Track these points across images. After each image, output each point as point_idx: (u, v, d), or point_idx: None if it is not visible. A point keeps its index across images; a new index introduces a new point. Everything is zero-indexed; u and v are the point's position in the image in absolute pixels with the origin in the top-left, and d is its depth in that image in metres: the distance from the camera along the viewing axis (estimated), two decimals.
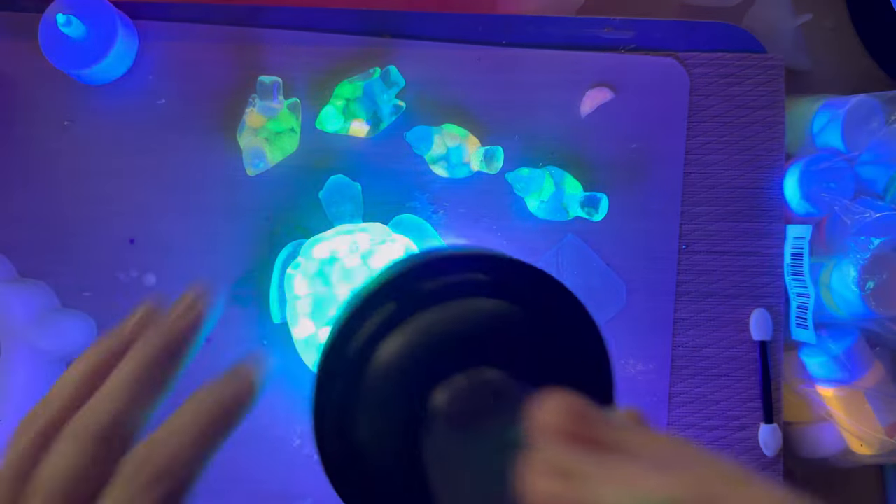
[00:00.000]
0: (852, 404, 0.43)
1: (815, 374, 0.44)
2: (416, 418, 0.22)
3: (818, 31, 0.48)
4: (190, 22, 0.44)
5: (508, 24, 0.45)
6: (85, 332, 0.43)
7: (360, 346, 0.23)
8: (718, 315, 0.44)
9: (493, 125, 0.44)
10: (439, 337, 0.23)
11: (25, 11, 0.44)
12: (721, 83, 0.45)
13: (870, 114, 0.43)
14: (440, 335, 0.23)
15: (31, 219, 0.44)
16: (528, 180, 0.43)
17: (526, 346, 0.24)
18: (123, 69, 0.44)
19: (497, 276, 0.24)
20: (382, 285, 0.23)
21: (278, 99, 0.42)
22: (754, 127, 0.45)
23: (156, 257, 0.44)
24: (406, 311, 0.23)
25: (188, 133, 0.44)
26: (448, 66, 0.44)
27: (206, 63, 0.44)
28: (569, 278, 0.43)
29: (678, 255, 0.44)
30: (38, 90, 0.44)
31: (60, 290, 0.43)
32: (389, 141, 0.44)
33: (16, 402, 0.40)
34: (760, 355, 0.44)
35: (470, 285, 0.23)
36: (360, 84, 0.43)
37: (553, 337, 0.23)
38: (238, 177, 0.44)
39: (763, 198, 0.44)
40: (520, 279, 0.23)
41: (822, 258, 0.44)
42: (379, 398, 0.23)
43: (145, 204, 0.44)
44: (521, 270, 0.23)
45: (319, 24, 0.45)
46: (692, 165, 0.44)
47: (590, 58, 0.45)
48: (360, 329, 0.23)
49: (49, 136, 0.44)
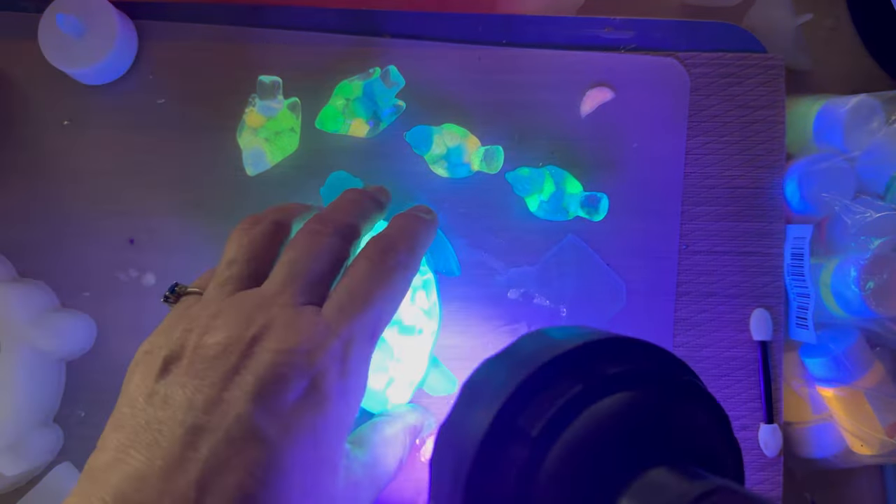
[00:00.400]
0: (852, 404, 0.43)
1: (815, 374, 0.44)
2: None
3: (819, 30, 0.48)
4: (190, 21, 0.44)
5: (508, 23, 0.45)
6: (85, 331, 0.43)
7: (543, 426, 0.19)
8: (718, 315, 0.44)
9: (493, 125, 0.44)
10: (631, 428, 0.20)
11: (25, 11, 0.44)
12: (721, 83, 0.45)
13: (870, 114, 0.43)
14: (632, 425, 0.20)
15: (30, 219, 0.44)
16: (528, 180, 0.43)
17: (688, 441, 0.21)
18: (123, 69, 0.44)
19: (650, 364, 0.21)
20: (561, 360, 0.20)
21: (278, 99, 0.42)
22: (755, 127, 0.45)
23: (156, 257, 0.44)
24: (592, 396, 0.20)
25: (188, 133, 0.44)
26: (448, 66, 0.44)
27: (206, 62, 0.44)
28: (569, 278, 0.43)
29: (678, 255, 0.44)
30: (38, 90, 0.44)
31: (60, 290, 0.43)
32: (389, 141, 0.44)
33: (16, 403, 0.40)
34: (761, 355, 0.44)
35: (638, 374, 0.21)
36: (360, 84, 0.43)
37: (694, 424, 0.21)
38: (238, 177, 0.44)
39: (763, 198, 0.44)
40: (667, 366, 0.21)
41: (823, 258, 0.44)
42: (562, 491, 0.19)
43: (145, 204, 0.44)
44: (666, 358, 0.21)
45: (319, 23, 0.45)
46: (692, 165, 0.44)
47: (590, 57, 0.44)
48: (532, 406, 0.20)
49: (48, 136, 0.44)
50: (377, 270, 0.29)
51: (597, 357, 0.21)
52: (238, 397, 0.24)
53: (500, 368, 0.21)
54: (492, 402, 0.20)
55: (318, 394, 0.25)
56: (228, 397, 0.24)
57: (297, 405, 0.24)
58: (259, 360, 0.25)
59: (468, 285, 0.44)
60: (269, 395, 0.24)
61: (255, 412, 0.23)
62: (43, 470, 0.42)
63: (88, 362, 0.43)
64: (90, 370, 0.43)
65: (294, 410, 0.24)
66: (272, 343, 0.25)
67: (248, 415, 0.23)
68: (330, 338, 0.26)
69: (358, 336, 0.27)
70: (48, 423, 0.43)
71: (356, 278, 0.29)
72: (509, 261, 0.44)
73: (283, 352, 0.25)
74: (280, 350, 0.25)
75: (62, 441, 0.43)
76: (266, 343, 0.25)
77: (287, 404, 0.24)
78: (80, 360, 0.43)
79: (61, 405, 0.43)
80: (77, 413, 0.43)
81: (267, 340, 0.25)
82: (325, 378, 0.25)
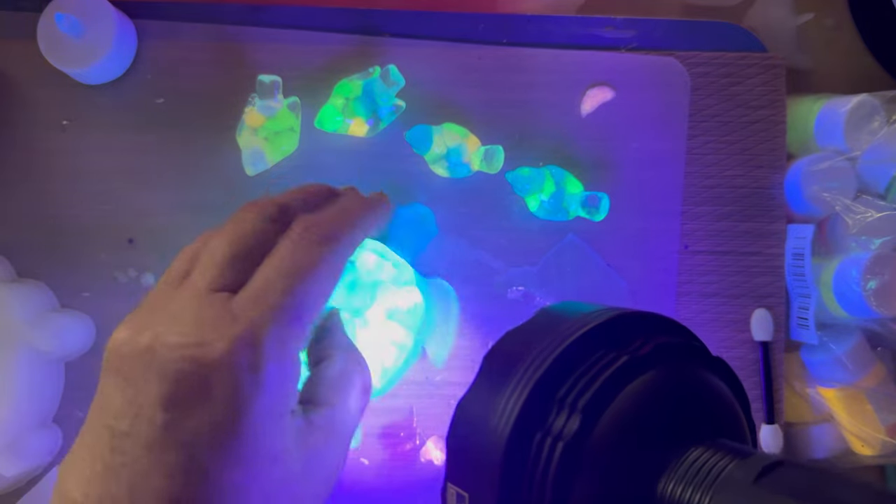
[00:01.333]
0: (854, 405, 0.43)
1: (816, 375, 0.44)
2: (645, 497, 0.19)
3: (819, 30, 0.48)
4: (189, 21, 0.44)
5: (509, 23, 0.45)
6: (84, 332, 0.43)
7: (591, 396, 0.19)
8: (719, 315, 0.44)
9: (493, 125, 0.44)
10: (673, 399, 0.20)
11: (24, 11, 0.44)
12: (722, 82, 0.44)
13: (871, 113, 0.43)
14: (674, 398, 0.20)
15: (29, 219, 0.44)
16: (528, 180, 0.43)
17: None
18: (122, 68, 0.44)
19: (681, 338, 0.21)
20: (596, 332, 0.20)
21: (278, 98, 0.42)
22: (755, 126, 0.44)
23: (155, 257, 0.44)
24: (636, 368, 0.19)
25: (187, 132, 0.44)
26: (448, 65, 0.44)
27: (206, 62, 0.44)
28: (569, 278, 0.43)
29: (678, 255, 0.44)
30: (37, 90, 0.44)
31: (59, 291, 0.43)
32: (389, 140, 0.44)
33: (15, 403, 0.40)
34: (762, 356, 0.43)
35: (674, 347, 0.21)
36: (360, 83, 0.43)
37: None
38: (237, 177, 0.43)
39: (764, 197, 0.44)
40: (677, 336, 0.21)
41: (824, 258, 0.43)
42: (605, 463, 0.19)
43: (145, 204, 0.44)
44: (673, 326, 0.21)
45: (319, 22, 0.45)
46: (693, 165, 0.44)
47: (590, 57, 0.44)
48: (573, 378, 0.19)
49: (48, 136, 0.44)
50: (298, 250, 0.27)
51: (629, 330, 0.20)
52: (148, 400, 0.23)
53: (528, 341, 0.21)
54: (526, 375, 0.19)
55: (224, 389, 0.23)
56: (142, 400, 0.23)
57: (204, 403, 0.23)
58: (161, 357, 0.23)
59: (468, 285, 0.43)
60: (171, 394, 0.23)
61: (161, 415, 0.23)
62: (42, 471, 0.42)
63: (88, 363, 0.43)
64: (89, 371, 0.43)
65: (202, 409, 0.23)
66: (173, 337, 0.24)
67: (156, 418, 0.23)
68: (235, 327, 0.24)
69: (273, 323, 0.25)
70: (47, 423, 0.42)
71: (274, 261, 0.27)
72: (509, 261, 0.44)
73: (178, 346, 0.23)
74: (179, 344, 0.23)
75: (61, 442, 0.43)
76: (167, 338, 0.24)
77: (193, 404, 0.23)
78: (80, 360, 0.43)
79: (60, 406, 0.43)
80: (76, 413, 0.43)
81: (169, 335, 0.24)
82: (231, 370, 0.23)
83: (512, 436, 0.19)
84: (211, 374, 0.23)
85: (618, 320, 0.21)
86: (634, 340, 0.20)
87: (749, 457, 0.19)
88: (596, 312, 0.21)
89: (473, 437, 0.20)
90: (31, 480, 0.42)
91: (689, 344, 0.22)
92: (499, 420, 0.19)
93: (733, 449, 0.19)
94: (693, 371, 0.21)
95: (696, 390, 0.21)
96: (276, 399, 0.25)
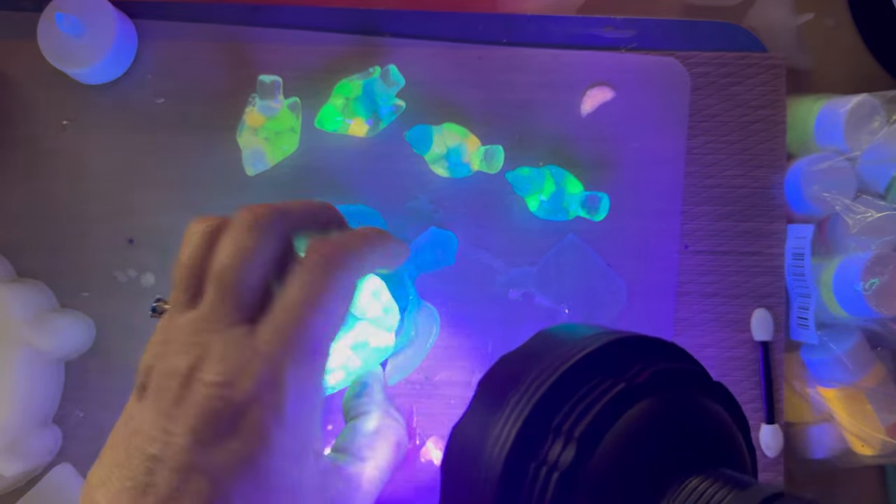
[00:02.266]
0: (853, 405, 0.43)
1: (816, 375, 0.44)
2: None
3: (819, 30, 0.48)
4: (189, 21, 0.44)
5: (509, 23, 0.45)
6: (83, 332, 0.43)
7: (587, 425, 0.18)
8: (719, 315, 0.44)
9: (493, 125, 0.44)
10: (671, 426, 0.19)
11: (24, 11, 0.44)
12: (722, 82, 0.44)
13: (871, 113, 0.43)
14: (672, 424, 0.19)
15: (29, 218, 0.44)
16: (528, 180, 0.43)
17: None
18: (122, 68, 0.44)
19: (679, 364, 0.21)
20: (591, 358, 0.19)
21: (278, 98, 0.42)
22: (755, 126, 0.44)
23: (155, 257, 0.44)
24: (633, 395, 0.19)
25: (187, 132, 0.44)
26: (448, 65, 0.44)
27: (206, 62, 0.44)
28: (569, 278, 0.43)
29: (678, 255, 0.44)
30: (37, 90, 0.44)
31: (59, 291, 0.43)
32: (389, 140, 0.44)
33: (15, 403, 0.40)
34: (762, 355, 0.43)
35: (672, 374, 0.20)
36: (360, 83, 0.43)
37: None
38: (238, 177, 0.43)
39: (764, 197, 0.44)
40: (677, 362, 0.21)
41: (824, 258, 0.43)
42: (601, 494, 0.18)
43: (144, 204, 0.44)
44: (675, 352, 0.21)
45: (319, 23, 0.45)
46: (693, 165, 0.44)
47: (590, 57, 0.44)
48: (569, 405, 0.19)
49: (48, 136, 0.44)
50: (315, 281, 0.27)
51: (626, 355, 0.20)
52: (180, 430, 0.24)
53: (524, 366, 0.20)
54: (521, 402, 0.19)
55: (250, 425, 0.25)
56: (174, 429, 0.25)
57: (231, 438, 0.25)
58: (195, 392, 0.25)
59: (468, 285, 0.43)
60: (204, 428, 0.24)
61: (192, 446, 0.24)
62: (42, 470, 0.42)
63: (87, 362, 0.43)
64: (89, 370, 0.43)
65: (229, 444, 0.25)
66: (207, 375, 0.25)
67: (188, 448, 0.24)
68: (258, 364, 0.25)
69: (293, 356, 0.26)
70: (47, 423, 0.42)
71: (292, 293, 0.27)
72: (509, 261, 0.44)
73: (214, 384, 0.25)
74: (212, 383, 0.25)
75: (61, 441, 0.43)
76: (201, 374, 0.25)
77: (221, 438, 0.24)
78: (79, 360, 0.43)
79: (60, 406, 0.43)
80: (76, 413, 0.43)
81: (202, 371, 0.25)
82: (257, 409, 0.25)
83: (507, 465, 0.19)
84: (239, 412, 0.25)
85: (615, 345, 0.20)
86: (632, 366, 0.20)
87: (748, 488, 0.18)
88: (592, 337, 0.21)
89: (468, 466, 0.20)
90: (31, 480, 0.42)
91: (687, 370, 0.21)
92: (493, 448, 0.19)
93: (732, 479, 0.19)
94: (692, 398, 0.20)
95: (695, 418, 0.20)
96: (298, 435, 0.26)
